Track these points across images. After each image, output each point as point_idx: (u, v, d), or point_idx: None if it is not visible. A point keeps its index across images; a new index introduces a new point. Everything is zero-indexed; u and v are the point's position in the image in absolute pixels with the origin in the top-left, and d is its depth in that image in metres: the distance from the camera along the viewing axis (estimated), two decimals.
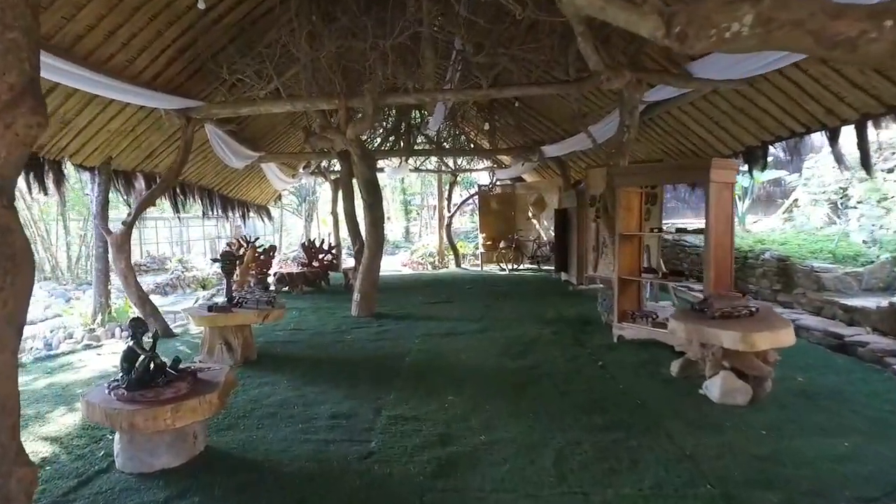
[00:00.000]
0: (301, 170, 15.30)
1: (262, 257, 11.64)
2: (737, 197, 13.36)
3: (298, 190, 24.67)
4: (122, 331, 7.22)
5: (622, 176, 6.16)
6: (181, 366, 3.36)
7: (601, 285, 10.80)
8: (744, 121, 7.27)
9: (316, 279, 11.28)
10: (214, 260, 5.95)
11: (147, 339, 3.20)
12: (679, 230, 6.65)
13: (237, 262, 9.25)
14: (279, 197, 18.03)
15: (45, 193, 6.24)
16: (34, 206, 12.23)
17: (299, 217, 26.83)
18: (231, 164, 9.52)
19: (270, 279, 11.40)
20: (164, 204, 11.50)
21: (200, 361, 5.48)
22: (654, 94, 6.81)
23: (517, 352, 5.81)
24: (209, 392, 3.17)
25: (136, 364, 3.03)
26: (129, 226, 6.47)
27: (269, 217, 16.63)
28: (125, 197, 7.84)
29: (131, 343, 3.06)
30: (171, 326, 7.14)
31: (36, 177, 6.00)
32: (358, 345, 6.28)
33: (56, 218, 12.87)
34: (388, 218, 30.62)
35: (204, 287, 13.15)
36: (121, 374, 3.08)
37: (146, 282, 13.55)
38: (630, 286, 6.33)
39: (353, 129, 6.77)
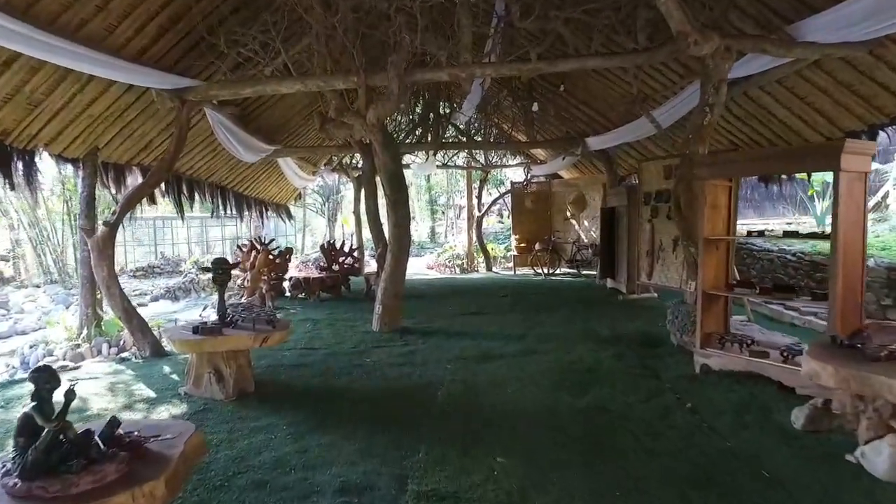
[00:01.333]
0: (322, 166, 14.37)
1: (277, 261, 10.69)
2: (815, 194, 11.88)
3: (322, 188, 23.87)
4: (110, 347, 6.30)
5: (709, 166, 4.93)
6: (123, 431, 2.30)
7: (654, 294, 9.59)
8: (848, 99, 5.94)
9: (335, 285, 10.27)
10: (204, 269, 4.92)
11: (58, 398, 2.13)
12: (788, 234, 5.31)
13: (240, 268, 8.31)
14: (299, 195, 17.15)
15: (12, 188, 5.33)
16: (41, 206, 11.53)
17: (323, 217, 26.06)
18: (241, 157, 8.56)
19: (286, 284, 10.46)
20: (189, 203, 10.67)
21: (186, 394, 4.47)
22: (740, 69, 5.55)
23: (575, 384, 4.64)
24: (151, 477, 2.10)
25: (39, 440, 1.99)
26: (112, 226, 5.51)
27: (289, 216, 15.73)
28: (114, 193, 6.91)
29: (31, 407, 2.02)
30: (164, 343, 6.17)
31: (1, 168, 5.08)
32: (378, 371, 5.19)
33: (63, 217, 12.17)
34: (414, 218, 29.70)
35: None
36: (14, 454, 2.04)
37: (158, 285, 12.81)
38: (715, 303, 5.09)
39: (375, 111, 5.69)
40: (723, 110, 5.47)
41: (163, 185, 8.20)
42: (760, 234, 5.05)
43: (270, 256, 10.56)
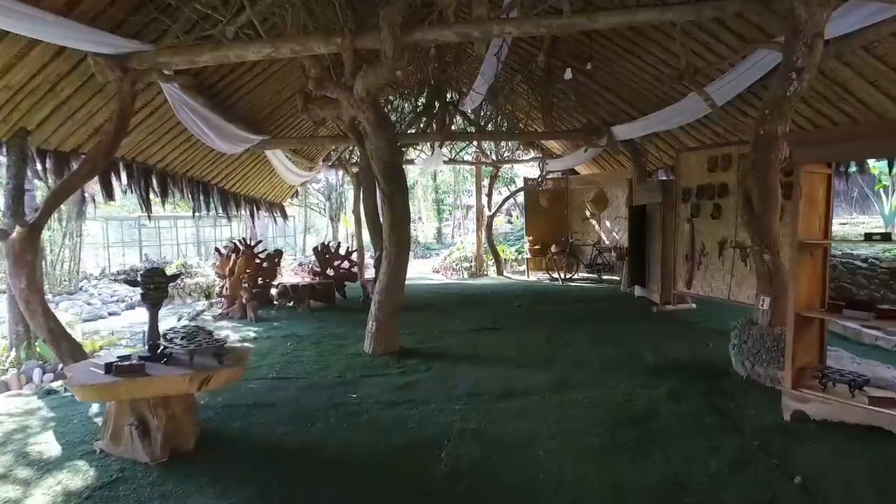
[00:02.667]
0: (321, 162, 13.22)
1: (265, 265, 9.55)
2: (883, 189, 10.60)
3: (324, 186, 22.71)
4: (43, 374, 5.15)
5: (811, 146, 3.70)
6: None
7: (692, 305, 8.32)
8: None
9: (328, 293, 9.09)
10: (130, 282, 3.76)
11: None
12: None
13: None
14: (296, 193, 16.00)
15: None
16: None
17: (325, 217, 24.92)
18: (217, 147, 7.41)
19: (275, 291, 9.30)
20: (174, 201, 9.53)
21: (101, 452, 3.30)
22: (837, 24, 4.33)
23: (632, 442, 3.41)
24: None
25: None
26: (32, 228, 4.36)
27: (284, 216, 14.57)
28: (46, 183, 5.77)
29: None
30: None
31: None
32: (366, 415, 3.99)
33: None
34: (419, 218, 28.51)
35: (208, 296, 11.14)
36: None
37: (137, 290, 11.64)
38: (808, 328, 3.86)
39: (364, 81, 4.50)
40: (815, 75, 4.23)
41: (125, 179, 7.09)
42: (886, 236, 3.75)
43: (257, 260, 9.44)
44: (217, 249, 8.97)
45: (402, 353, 5.62)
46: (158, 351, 3.35)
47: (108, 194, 6.54)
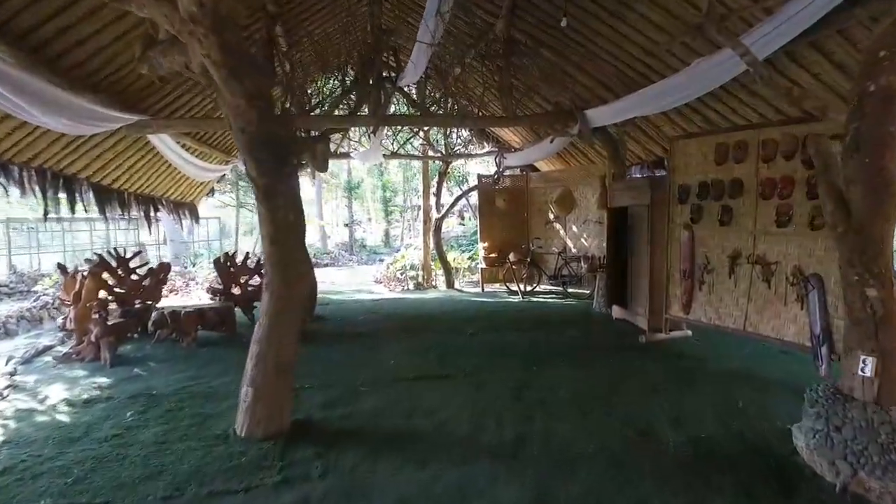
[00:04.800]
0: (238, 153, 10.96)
1: (144, 283, 7.32)
2: None
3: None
4: None
5: None
6: None
7: (687, 333, 6.67)
8: None
9: (225, 319, 6.92)
10: None
11: None
12: None
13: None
14: (212, 192, 13.60)
15: None
16: None
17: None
18: (47, 125, 5.18)
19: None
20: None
21: None
22: None
23: None
24: None
25: None
26: None
27: (196, 218, 12.18)
28: None
29: None
30: None
31: None
32: None
33: None
34: (368, 219, 26.32)
35: None
36: None
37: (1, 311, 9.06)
38: None
39: None
40: None
41: None
42: None
43: (135, 276, 7.20)
44: (60, 266, 6.62)
45: (292, 433, 3.63)
46: None
47: None
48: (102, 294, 6.36)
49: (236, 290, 7.93)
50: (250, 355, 3.64)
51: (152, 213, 10.08)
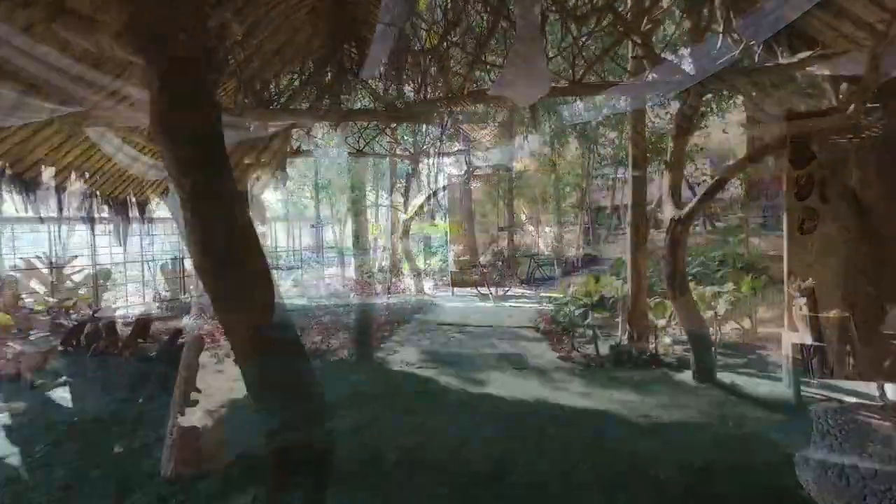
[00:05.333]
0: None
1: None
2: None
3: None
4: None
5: None
6: None
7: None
8: None
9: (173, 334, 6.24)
10: None
11: None
12: None
13: None
14: (166, 190, 12.72)
15: None
16: None
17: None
18: None
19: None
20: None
21: None
22: None
23: None
24: None
25: None
26: None
27: (143, 218, 11.28)
28: None
29: None
30: None
31: None
32: None
33: None
34: (337, 221, 25.49)
35: None
36: None
37: None
38: None
39: None
40: None
41: None
42: None
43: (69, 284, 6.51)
44: None
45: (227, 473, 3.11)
46: None
47: None
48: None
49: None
50: (178, 382, 3.11)
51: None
